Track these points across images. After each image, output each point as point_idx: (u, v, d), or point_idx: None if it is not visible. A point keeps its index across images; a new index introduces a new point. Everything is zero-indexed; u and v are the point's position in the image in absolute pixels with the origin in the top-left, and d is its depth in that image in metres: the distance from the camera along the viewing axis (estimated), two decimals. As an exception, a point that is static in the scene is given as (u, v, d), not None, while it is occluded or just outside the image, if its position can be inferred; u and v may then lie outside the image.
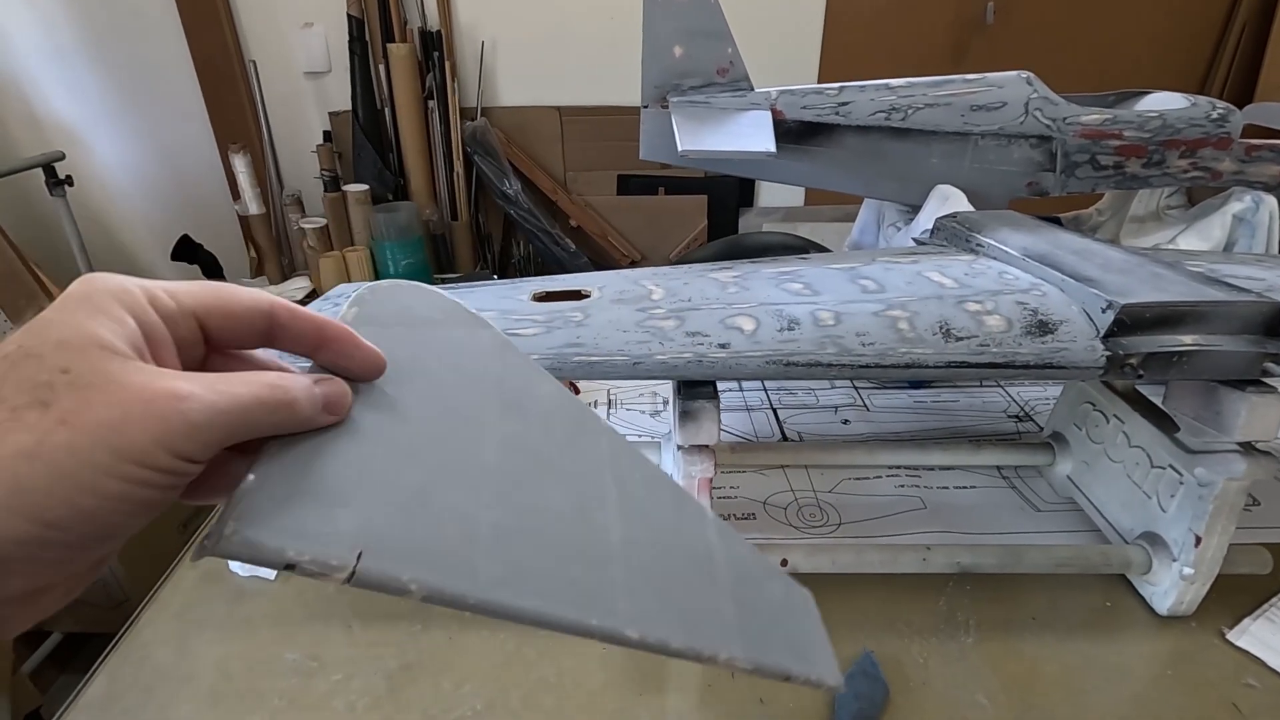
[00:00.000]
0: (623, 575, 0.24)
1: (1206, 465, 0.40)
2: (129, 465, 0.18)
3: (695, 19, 0.67)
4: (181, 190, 1.95)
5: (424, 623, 0.45)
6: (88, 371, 0.19)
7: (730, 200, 1.99)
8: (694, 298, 0.42)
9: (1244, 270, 0.47)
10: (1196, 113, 0.70)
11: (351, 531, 0.21)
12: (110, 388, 0.18)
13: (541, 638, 0.43)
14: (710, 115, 0.67)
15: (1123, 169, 0.71)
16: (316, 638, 0.44)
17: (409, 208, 1.75)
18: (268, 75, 1.83)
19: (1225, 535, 0.41)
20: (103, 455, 0.18)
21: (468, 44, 1.83)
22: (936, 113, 0.68)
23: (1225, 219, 0.69)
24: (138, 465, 0.18)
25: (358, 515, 0.22)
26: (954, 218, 0.54)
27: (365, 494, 0.23)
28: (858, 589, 0.46)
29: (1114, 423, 0.49)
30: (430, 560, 0.22)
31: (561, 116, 1.90)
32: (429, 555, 0.22)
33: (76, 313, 0.20)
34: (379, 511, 0.23)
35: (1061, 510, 0.54)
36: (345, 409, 0.23)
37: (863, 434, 0.65)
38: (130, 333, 0.20)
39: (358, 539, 0.21)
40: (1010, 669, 0.41)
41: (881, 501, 0.55)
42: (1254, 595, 0.45)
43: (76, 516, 0.18)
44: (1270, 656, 0.42)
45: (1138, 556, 0.44)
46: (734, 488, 0.57)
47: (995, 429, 0.65)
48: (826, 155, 0.70)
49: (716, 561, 0.26)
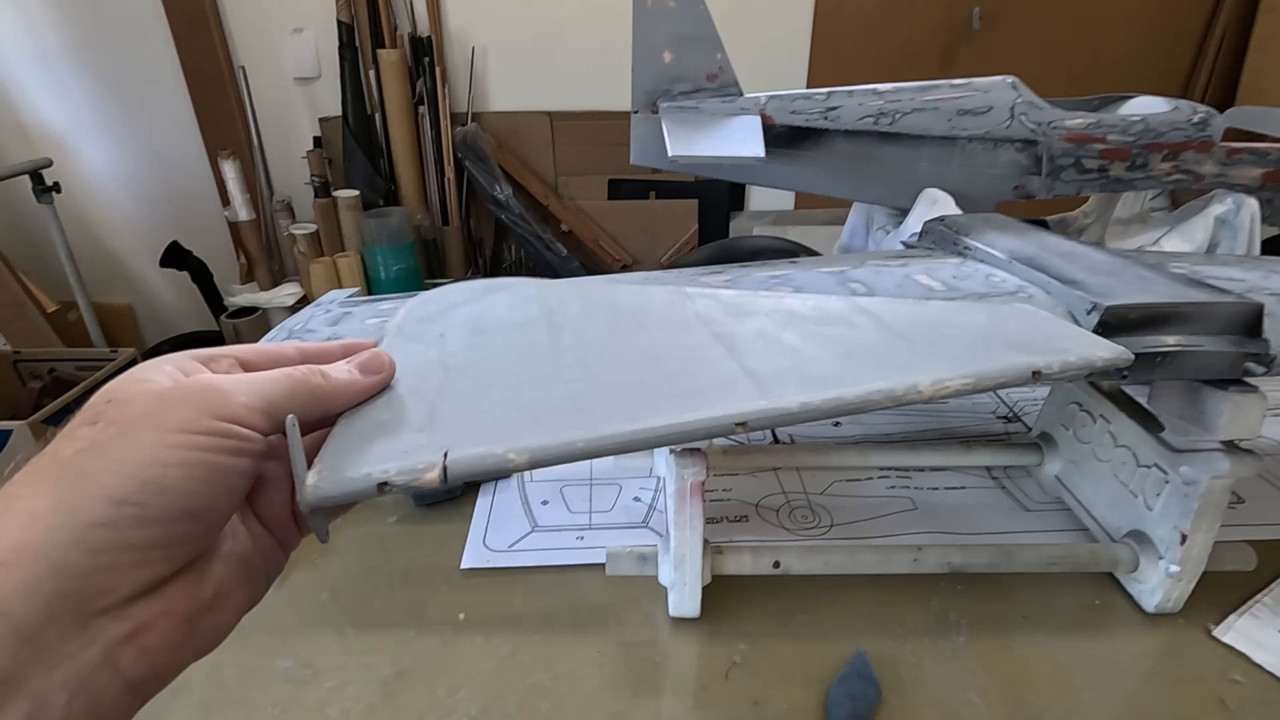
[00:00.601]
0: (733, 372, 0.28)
1: (1191, 464, 0.41)
2: (177, 434, 0.20)
3: (685, 25, 0.68)
4: (170, 196, 1.94)
5: (418, 628, 0.45)
6: (128, 394, 0.21)
7: (721, 204, 1.99)
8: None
9: (1226, 271, 0.47)
10: (1178, 116, 0.71)
11: (433, 442, 0.23)
12: (148, 391, 0.21)
13: (535, 642, 0.43)
14: (700, 120, 0.68)
15: (1107, 172, 0.72)
16: (310, 645, 0.44)
17: (400, 213, 1.75)
18: (257, 81, 1.82)
19: (1210, 533, 0.42)
20: (149, 433, 0.20)
21: (458, 49, 1.84)
22: (924, 117, 0.69)
23: (1208, 221, 0.71)
24: (186, 432, 0.20)
25: (436, 431, 0.24)
26: (941, 221, 0.55)
27: (440, 418, 0.24)
28: (851, 590, 0.46)
29: (1101, 423, 0.50)
30: (519, 431, 0.23)
31: (552, 121, 1.91)
32: (517, 429, 0.23)
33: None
34: (456, 424, 0.24)
35: (1050, 510, 0.54)
36: (385, 367, 0.27)
37: (853, 435, 0.65)
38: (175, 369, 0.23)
39: (441, 444, 0.23)
40: (1002, 668, 0.42)
41: (873, 503, 0.55)
42: (1239, 591, 0.46)
43: (144, 489, 0.19)
44: (1256, 652, 0.42)
45: (1125, 555, 0.45)
46: (726, 490, 0.57)
47: (984, 430, 0.66)
48: (816, 160, 0.71)
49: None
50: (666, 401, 0.25)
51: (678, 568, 0.42)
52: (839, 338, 0.32)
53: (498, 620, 0.45)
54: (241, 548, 0.23)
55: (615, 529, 0.53)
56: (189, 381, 0.22)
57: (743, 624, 0.44)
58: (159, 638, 0.20)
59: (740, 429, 0.24)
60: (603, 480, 0.58)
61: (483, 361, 0.28)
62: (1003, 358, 0.30)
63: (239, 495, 0.22)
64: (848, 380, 0.27)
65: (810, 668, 0.41)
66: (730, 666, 0.42)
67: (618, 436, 0.23)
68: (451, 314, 0.33)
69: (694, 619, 0.44)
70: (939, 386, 0.27)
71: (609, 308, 0.34)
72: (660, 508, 0.55)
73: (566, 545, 0.51)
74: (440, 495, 0.56)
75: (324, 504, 0.22)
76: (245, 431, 0.21)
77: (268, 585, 0.25)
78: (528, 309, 0.33)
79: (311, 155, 1.80)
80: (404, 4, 1.76)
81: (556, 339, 0.30)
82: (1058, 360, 0.30)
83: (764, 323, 0.33)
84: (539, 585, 0.48)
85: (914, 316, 0.35)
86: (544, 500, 0.56)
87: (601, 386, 0.26)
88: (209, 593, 0.21)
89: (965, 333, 0.33)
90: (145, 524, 0.19)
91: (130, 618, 0.19)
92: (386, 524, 0.54)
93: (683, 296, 0.35)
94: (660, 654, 0.43)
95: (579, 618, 0.45)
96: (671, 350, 0.30)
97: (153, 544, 0.19)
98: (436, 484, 0.21)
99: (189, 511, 0.20)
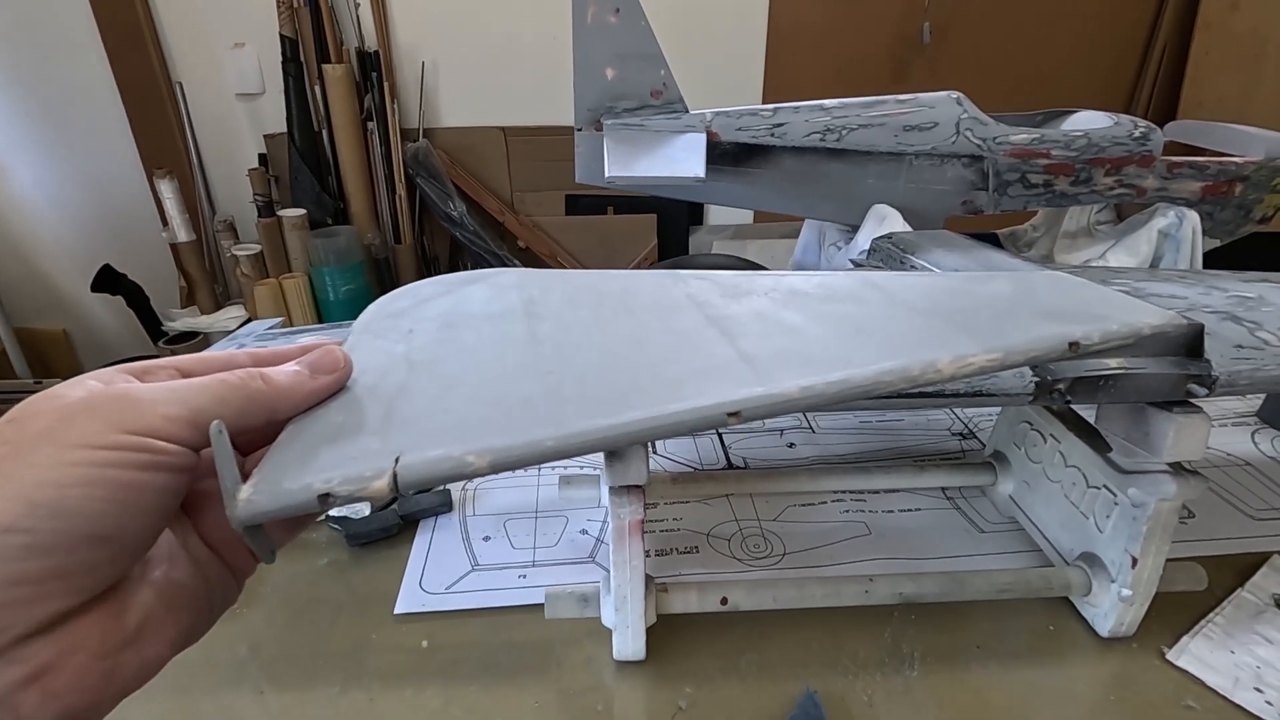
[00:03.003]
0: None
1: (1139, 486, 0.40)
2: (77, 450, 0.18)
3: (627, 41, 0.67)
4: (106, 217, 1.86)
5: (343, 684, 0.42)
6: (32, 411, 0.19)
7: (680, 219, 1.99)
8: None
9: (1167, 289, 0.47)
10: (1120, 131, 0.72)
11: (384, 447, 0.20)
12: (54, 407, 0.19)
13: (470, 693, 0.41)
14: (642, 139, 0.67)
15: (1052, 187, 0.72)
16: (223, 709, 0.41)
17: (348, 232, 1.70)
18: (196, 97, 1.76)
19: (1160, 555, 0.41)
20: (45, 451, 0.18)
21: (407, 65, 1.81)
22: (871, 133, 0.69)
23: (1151, 234, 0.71)
24: (88, 448, 0.18)
25: (389, 435, 0.21)
26: (889, 239, 0.54)
27: (397, 419, 0.22)
28: (801, 623, 0.45)
29: (1051, 442, 0.49)
30: (482, 431, 0.20)
31: (506, 137, 1.89)
32: (480, 428, 0.21)
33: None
34: (413, 425, 0.21)
35: (1004, 530, 0.54)
36: (338, 366, 0.24)
37: (808, 458, 0.64)
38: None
39: (394, 448, 0.20)
40: (957, 701, 0.40)
41: (826, 529, 0.54)
42: (1191, 612, 0.45)
43: (34, 512, 0.17)
44: (1209, 675, 0.41)
45: (1078, 579, 0.44)
46: (677, 519, 0.55)
47: (940, 448, 0.65)
48: (764, 177, 0.70)
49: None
50: (650, 391, 0.22)
51: (619, 609, 0.40)
52: (847, 315, 0.28)
53: (430, 670, 0.42)
54: (178, 573, 0.21)
55: (560, 565, 0.50)
56: (101, 392, 0.20)
57: (689, 665, 0.42)
58: (68, 679, 0.18)
59: (733, 419, 0.21)
60: (548, 512, 0.56)
61: (450, 356, 0.25)
62: (1033, 328, 0.26)
63: (160, 515, 0.20)
64: (856, 361, 0.24)
65: (759, 710, 0.39)
66: (675, 712, 0.39)
67: (592, 433, 0.20)
68: (423, 308, 0.30)
69: (639, 661, 0.42)
70: (961, 364, 0.24)
71: (594, 294, 0.30)
72: (608, 540, 0.52)
73: (507, 585, 0.48)
74: (375, 534, 0.53)
75: (258, 520, 0.19)
76: (162, 445, 0.19)
77: (214, 614, 0.23)
78: (506, 299, 0.30)
79: (255, 173, 1.75)
80: (350, 18, 1.72)
81: (534, 329, 0.27)
82: (1098, 329, 0.26)
83: (763, 303, 0.30)
84: (475, 629, 0.45)
85: (930, 289, 0.32)
86: (485, 536, 0.53)
87: (579, 378, 0.23)
88: (131, 625, 0.19)
89: (990, 303, 0.29)
90: (37, 553, 0.17)
91: (28, 659, 0.17)
92: (317, 566, 0.51)
93: (674, 279, 0.32)
94: (603, 701, 0.40)
95: (518, 663, 0.43)
96: (659, 335, 0.26)
97: (49, 575, 0.17)
98: (385, 493, 0.19)
99: (92, 536, 0.18)
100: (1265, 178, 0.82)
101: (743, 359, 0.24)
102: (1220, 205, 0.79)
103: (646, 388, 0.22)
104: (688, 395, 0.22)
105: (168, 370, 0.23)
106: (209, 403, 0.20)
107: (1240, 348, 0.38)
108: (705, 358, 0.25)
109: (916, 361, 0.24)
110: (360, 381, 0.24)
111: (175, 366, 0.23)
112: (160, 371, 0.22)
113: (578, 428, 0.20)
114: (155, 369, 0.22)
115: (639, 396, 0.22)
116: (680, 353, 0.25)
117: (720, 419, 0.21)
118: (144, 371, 0.22)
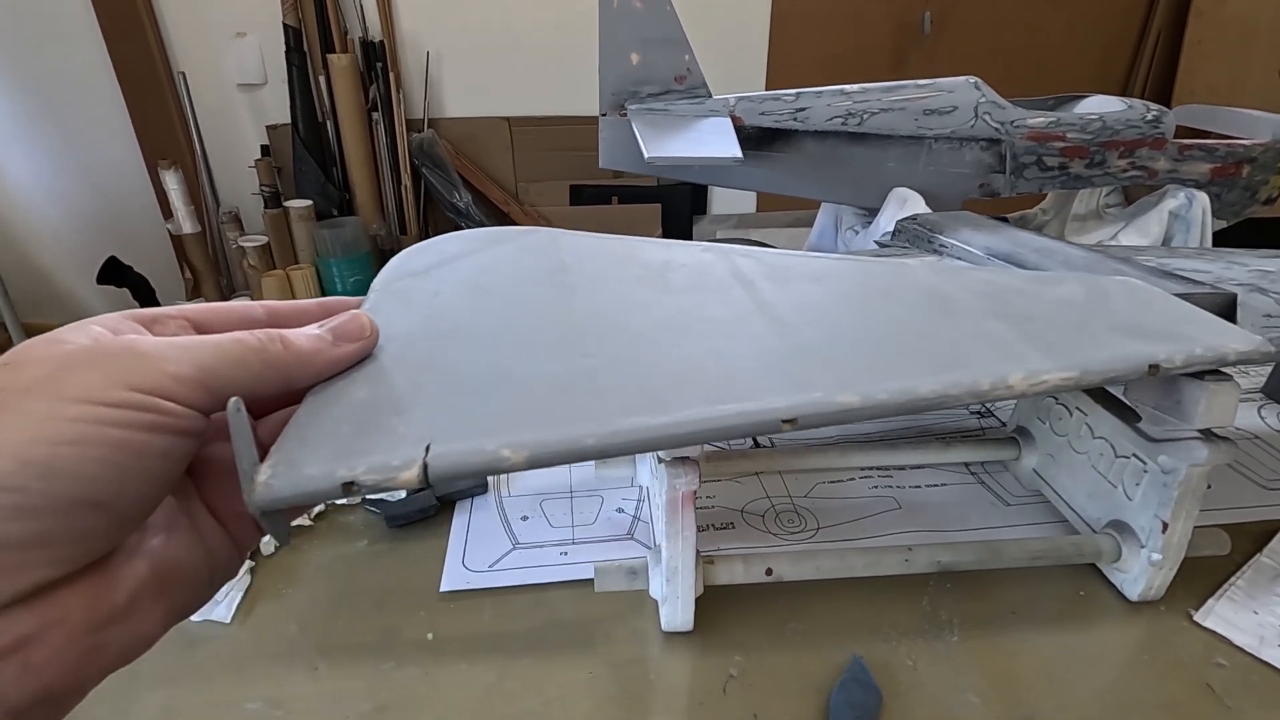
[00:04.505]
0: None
1: (1170, 453, 0.42)
2: (76, 404, 0.16)
3: (651, 26, 0.67)
4: (107, 209, 1.85)
5: (397, 659, 0.43)
6: (29, 356, 0.18)
7: (684, 209, 2.00)
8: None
9: (1190, 264, 0.48)
10: (1133, 115, 0.73)
11: (413, 432, 0.19)
12: (54, 354, 0.17)
13: (522, 666, 0.42)
14: (671, 123, 0.67)
15: (1067, 169, 0.74)
16: (279, 682, 0.41)
17: (354, 223, 1.70)
18: (198, 87, 1.75)
19: (1190, 520, 0.42)
20: (41, 403, 0.16)
21: (412, 55, 1.80)
22: (891, 117, 0.70)
23: (1162, 215, 0.73)
24: (88, 403, 0.16)
25: (417, 417, 0.20)
26: (915, 219, 0.55)
27: (425, 398, 0.20)
28: (841, 593, 0.46)
29: (1076, 415, 0.50)
30: (517, 420, 0.19)
31: (511, 127, 1.88)
32: (515, 417, 0.19)
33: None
34: (443, 407, 0.20)
35: (1030, 503, 0.55)
36: (365, 333, 0.22)
37: (833, 436, 0.65)
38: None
39: (423, 434, 0.19)
40: (994, 664, 0.42)
41: (857, 504, 0.55)
42: (1215, 576, 0.47)
43: (25, 471, 0.15)
44: (1235, 634, 0.43)
45: (1108, 545, 0.45)
46: (710, 497, 0.56)
47: (960, 426, 0.66)
48: (786, 161, 0.71)
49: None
50: (695, 388, 0.20)
51: (669, 580, 0.41)
52: (907, 313, 0.26)
53: (481, 645, 0.43)
54: (177, 544, 0.19)
55: (600, 542, 0.51)
56: (109, 342, 0.18)
57: (736, 635, 0.43)
58: (50, 652, 0.16)
59: (787, 426, 0.20)
60: (583, 492, 0.57)
61: (481, 328, 0.24)
62: (1112, 345, 0.25)
63: (162, 482, 0.18)
64: (921, 370, 0.22)
65: (808, 677, 0.41)
66: (727, 680, 0.41)
67: (636, 432, 0.19)
68: (448, 268, 0.28)
69: (687, 633, 0.43)
70: (1034, 382, 0.22)
71: (634, 267, 0.28)
72: (645, 518, 0.53)
73: (550, 562, 0.49)
74: (414, 515, 0.54)
75: (276, 506, 0.18)
76: (170, 405, 0.17)
77: (213, 589, 0.21)
78: (538, 263, 0.28)
79: (260, 164, 1.74)
80: (354, 7, 1.71)
81: (568, 303, 0.25)
82: (1181, 351, 0.25)
83: (816, 292, 0.28)
84: (521, 605, 0.46)
85: (996, 288, 0.30)
86: (524, 515, 0.54)
87: (619, 365, 0.22)
88: (121, 598, 0.17)
89: (1062, 311, 0.27)
90: (26, 515, 0.15)
91: (5, 630, 0.15)
92: (356, 547, 0.52)
93: (720, 254, 0.30)
94: (654, 671, 0.41)
95: (566, 638, 0.44)
96: (704, 323, 0.25)
97: (36, 540, 0.15)
98: (413, 484, 0.18)
99: (86, 501, 0.16)
100: (1271, 159, 0.84)
101: (795, 354, 0.23)
102: (1228, 187, 0.80)
103: (692, 382, 0.21)
104: (738, 394, 0.20)
105: (179, 321, 0.21)
106: (223, 364, 0.19)
107: (1269, 316, 0.39)
108: (755, 352, 0.23)
109: (986, 376, 0.22)
110: (386, 350, 0.22)
111: (187, 317, 0.21)
112: (171, 321, 0.21)
113: (621, 425, 0.19)
114: (165, 318, 0.21)
115: (684, 391, 0.20)
116: (728, 344, 0.24)
117: (774, 425, 0.20)
118: (153, 320, 0.21)
